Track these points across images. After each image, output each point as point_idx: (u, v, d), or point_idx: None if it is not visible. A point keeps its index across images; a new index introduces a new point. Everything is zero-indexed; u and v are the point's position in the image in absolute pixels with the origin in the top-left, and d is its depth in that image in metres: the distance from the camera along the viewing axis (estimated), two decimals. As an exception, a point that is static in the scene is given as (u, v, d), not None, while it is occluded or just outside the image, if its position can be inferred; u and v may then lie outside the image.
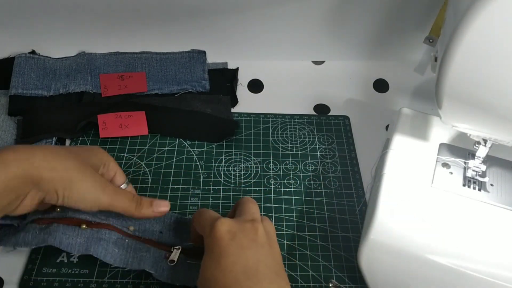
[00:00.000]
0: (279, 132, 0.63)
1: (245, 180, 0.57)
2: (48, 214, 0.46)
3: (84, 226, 0.46)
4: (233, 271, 0.37)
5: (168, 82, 0.68)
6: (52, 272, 0.47)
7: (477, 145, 0.48)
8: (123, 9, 0.65)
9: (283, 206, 0.55)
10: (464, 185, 0.49)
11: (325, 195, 0.56)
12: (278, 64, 0.74)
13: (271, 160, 0.60)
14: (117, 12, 0.65)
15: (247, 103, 0.67)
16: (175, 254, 0.46)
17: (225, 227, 0.39)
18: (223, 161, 0.59)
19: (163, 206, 0.46)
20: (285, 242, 0.52)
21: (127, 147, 0.60)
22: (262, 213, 0.48)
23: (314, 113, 0.67)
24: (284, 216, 0.54)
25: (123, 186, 0.48)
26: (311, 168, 0.59)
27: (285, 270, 0.46)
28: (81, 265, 0.48)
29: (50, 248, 0.45)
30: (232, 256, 0.38)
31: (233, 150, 0.61)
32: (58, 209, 0.47)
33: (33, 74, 0.65)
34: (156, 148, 0.60)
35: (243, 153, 0.61)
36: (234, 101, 0.67)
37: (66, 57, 0.69)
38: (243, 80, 0.71)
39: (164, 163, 0.59)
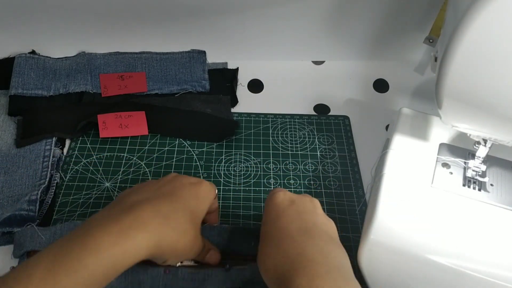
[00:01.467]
0: (279, 132, 0.63)
1: (245, 180, 0.57)
2: None
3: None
4: (288, 228, 0.39)
5: (168, 82, 0.68)
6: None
7: (477, 145, 0.48)
8: (123, 9, 0.65)
9: (283, 206, 0.55)
10: (464, 185, 0.49)
11: (325, 195, 0.56)
12: (278, 64, 0.74)
13: (271, 160, 0.60)
14: (117, 12, 0.65)
15: (247, 103, 0.68)
16: None
17: (284, 195, 0.42)
18: (223, 161, 0.59)
19: (214, 259, 0.45)
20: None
21: (127, 147, 0.60)
22: (261, 213, 0.49)
23: (314, 113, 0.67)
24: (284, 216, 0.54)
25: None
26: (311, 168, 0.59)
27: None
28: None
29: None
30: (289, 217, 0.40)
31: (233, 150, 0.61)
32: None
33: (33, 74, 0.65)
34: (156, 148, 0.60)
35: (243, 153, 0.61)
36: (234, 101, 0.67)
37: (66, 57, 0.69)
38: (243, 80, 0.71)
39: (164, 163, 0.59)
